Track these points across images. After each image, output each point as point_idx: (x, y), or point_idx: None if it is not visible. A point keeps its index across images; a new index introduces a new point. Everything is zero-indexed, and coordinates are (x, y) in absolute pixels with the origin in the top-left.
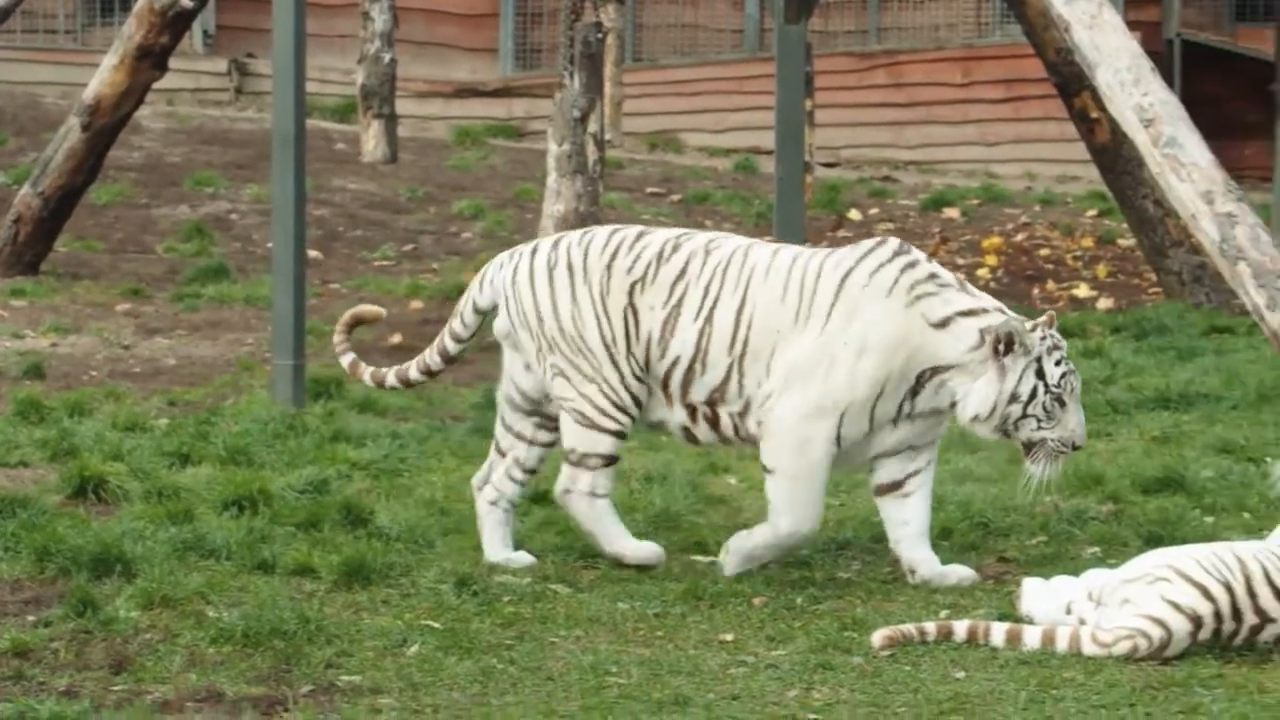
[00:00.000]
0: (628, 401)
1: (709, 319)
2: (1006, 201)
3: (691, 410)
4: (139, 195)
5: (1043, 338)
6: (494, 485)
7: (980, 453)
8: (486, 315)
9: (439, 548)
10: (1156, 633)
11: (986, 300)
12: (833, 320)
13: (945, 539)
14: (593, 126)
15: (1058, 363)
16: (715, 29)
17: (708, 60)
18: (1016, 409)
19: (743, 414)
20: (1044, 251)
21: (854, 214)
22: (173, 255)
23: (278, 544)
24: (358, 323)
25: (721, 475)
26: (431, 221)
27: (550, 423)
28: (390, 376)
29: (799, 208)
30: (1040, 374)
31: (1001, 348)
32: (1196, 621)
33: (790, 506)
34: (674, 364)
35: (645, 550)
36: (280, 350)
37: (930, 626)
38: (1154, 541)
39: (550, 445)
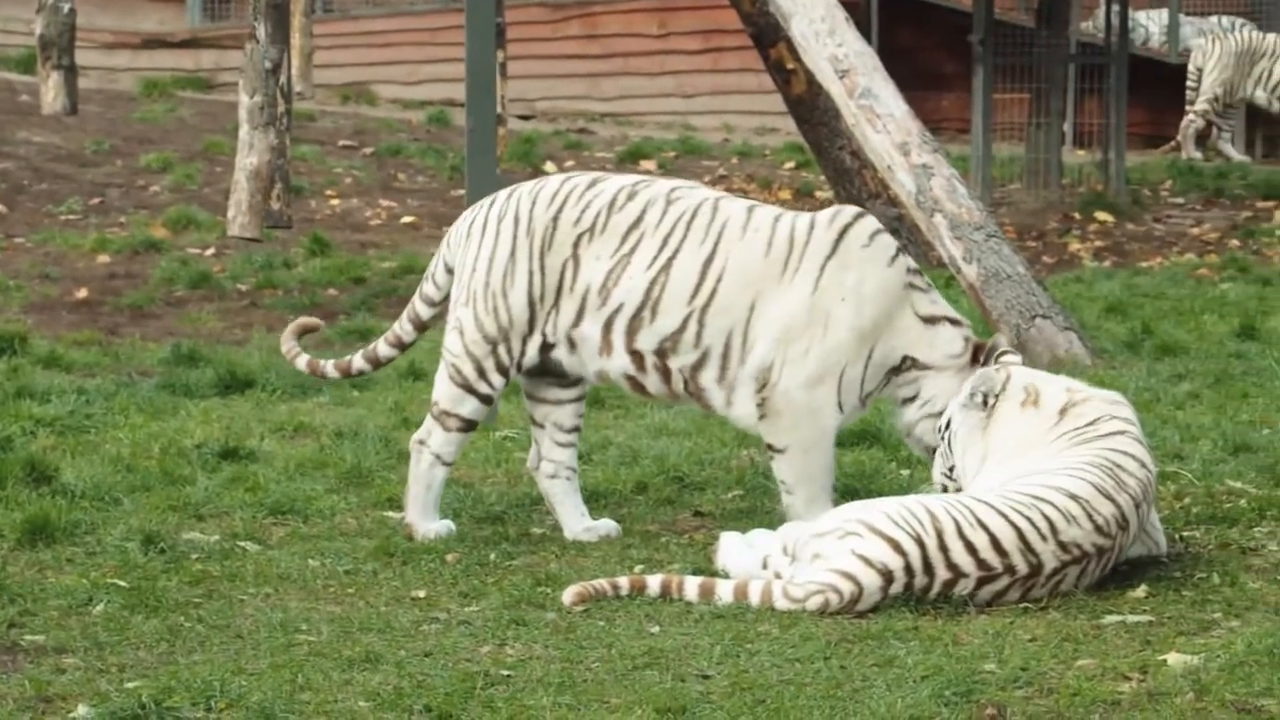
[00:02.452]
0: (513, 364)
1: (665, 268)
2: (704, 154)
3: (638, 358)
4: None
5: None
6: (548, 459)
7: (675, 407)
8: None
9: (126, 505)
10: (847, 587)
11: (961, 317)
12: (826, 274)
13: (641, 493)
14: (281, 78)
15: None
16: None
17: (400, 11)
18: None
19: (696, 367)
20: None
21: (550, 167)
22: None
23: None
24: (304, 332)
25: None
26: (118, 175)
27: (566, 377)
28: (356, 360)
29: (491, 161)
30: None
31: (983, 359)
32: (887, 576)
33: (807, 481)
34: (617, 310)
35: (436, 529)
36: None
37: (624, 581)
38: (850, 494)
39: (582, 398)
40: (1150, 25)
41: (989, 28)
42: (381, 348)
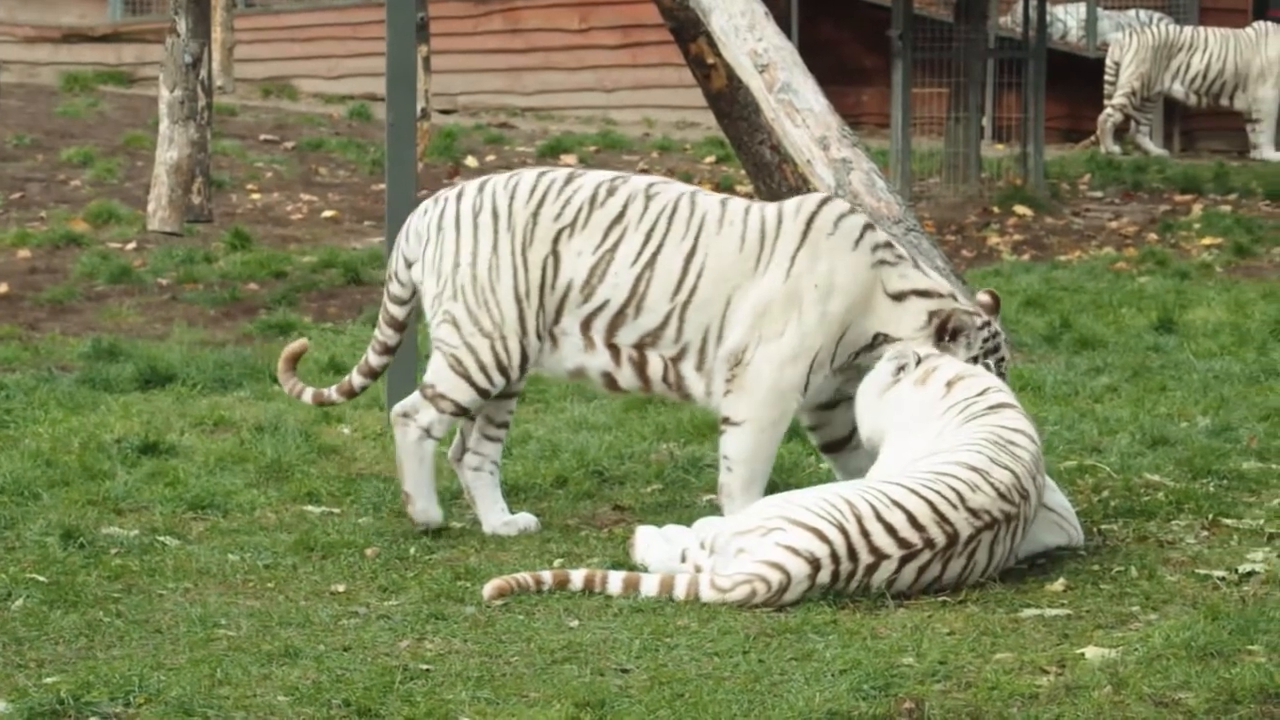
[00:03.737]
0: (515, 363)
1: (650, 264)
2: (625, 148)
3: (615, 353)
4: None
5: (986, 338)
6: (473, 451)
7: (595, 401)
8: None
9: (45, 500)
10: (775, 576)
11: (939, 282)
12: (797, 264)
13: (560, 487)
14: (203, 72)
15: (999, 363)
16: None
17: (321, 6)
18: None
19: (677, 359)
20: None
21: (471, 161)
22: None
23: None
24: (296, 359)
25: (335, 425)
26: (39, 169)
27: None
28: (355, 378)
29: (411, 155)
30: None
31: (947, 336)
32: (814, 564)
33: (752, 459)
34: (600, 308)
35: (429, 515)
36: None
37: (547, 576)
38: (769, 488)
39: (516, 394)
40: (1068, 19)
41: (908, 23)
42: (372, 358)
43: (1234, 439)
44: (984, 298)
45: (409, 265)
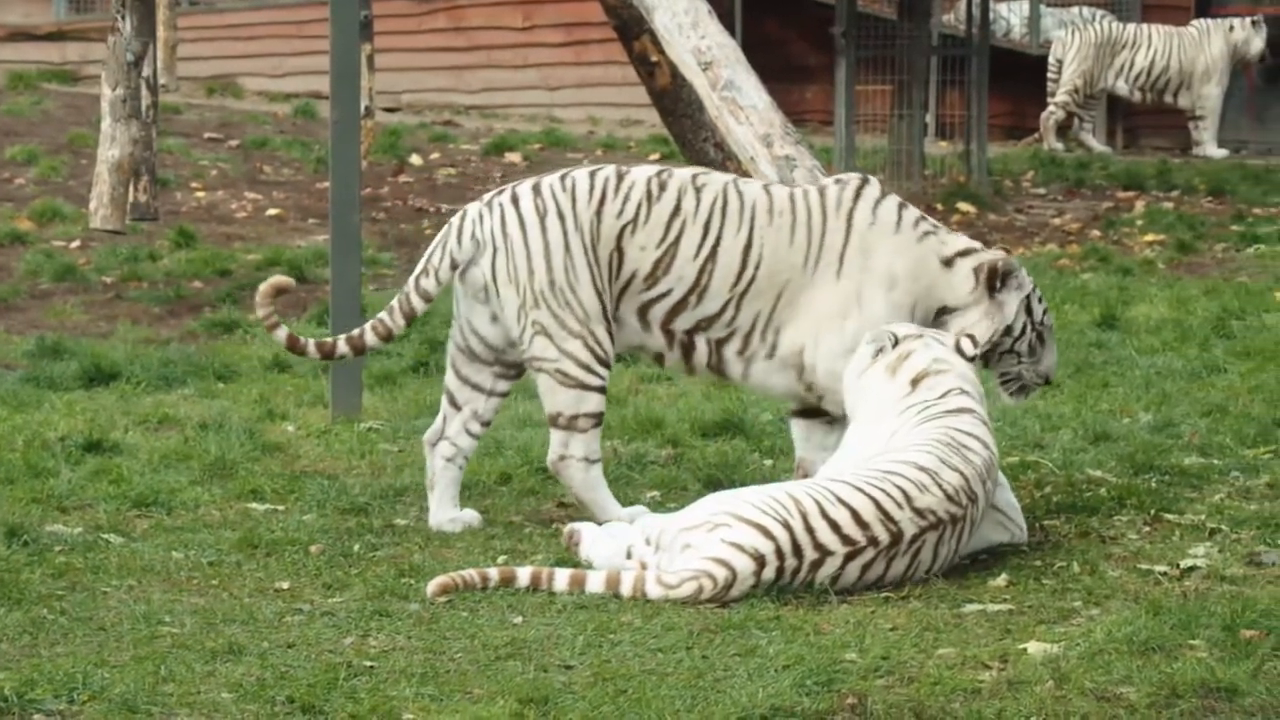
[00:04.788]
0: (609, 353)
1: (711, 255)
2: (569, 146)
3: (669, 337)
4: None
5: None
6: (451, 441)
7: (538, 399)
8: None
9: None
10: (721, 573)
11: (965, 238)
12: (847, 264)
13: (505, 484)
14: (146, 70)
15: (1039, 300)
16: None
17: (265, 4)
18: (1007, 342)
19: (723, 342)
20: None
21: (415, 159)
22: None
23: None
24: (280, 291)
25: (279, 423)
26: None
27: (511, 371)
28: (340, 344)
29: (354, 153)
30: (1029, 310)
31: (998, 283)
32: (759, 560)
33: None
34: (662, 296)
35: (628, 511)
36: None
37: (493, 573)
38: (713, 485)
39: (507, 395)
40: (1011, 17)
41: (852, 20)
42: (368, 335)
43: (1176, 435)
44: None
45: (454, 267)
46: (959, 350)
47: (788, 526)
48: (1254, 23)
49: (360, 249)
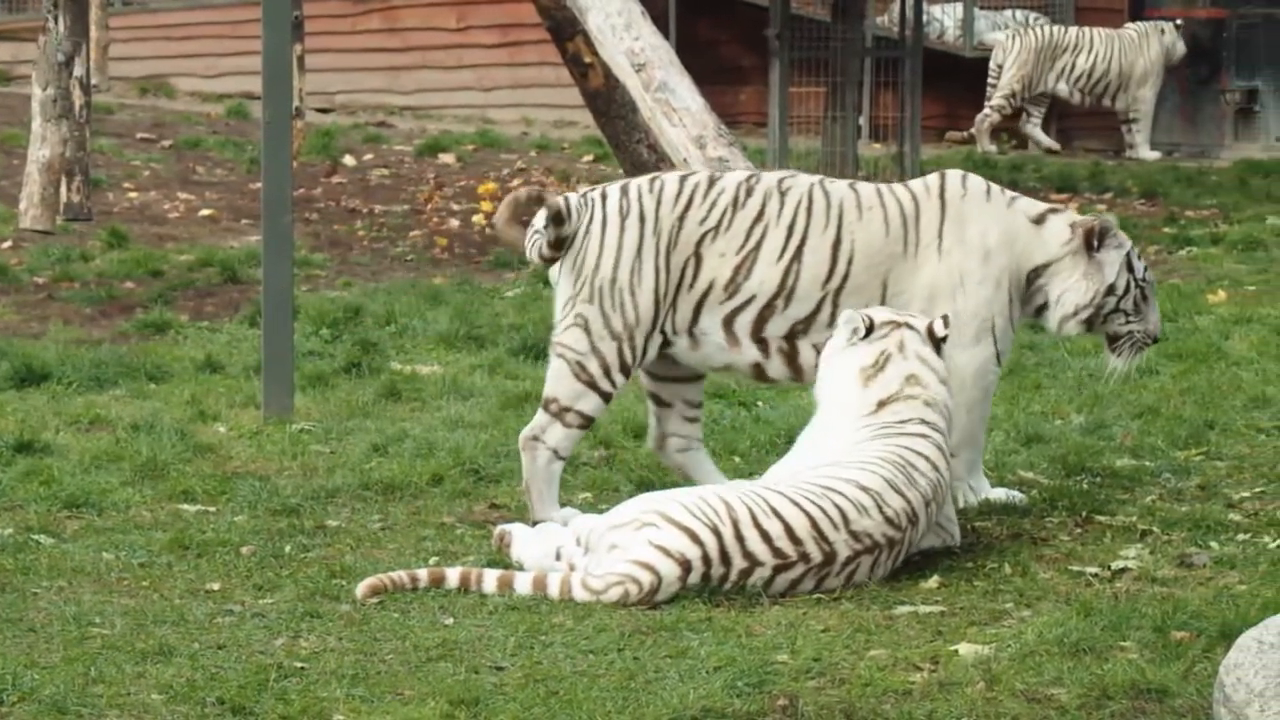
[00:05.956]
0: (636, 363)
1: (796, 256)
2: (503, 147)
3: (764, 346)
4: None
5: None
6: (676, 435)
7: (472, 400)
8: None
9: None
10: (646, 578)
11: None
12: (946, 239)
13: (436, 485)
14: (78, 70)
15: (1139, 256)
16: None
17: (199, 4)
18: (1111, 302)
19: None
20: None
21: (349, 160)
22: None
23: None
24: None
25: (211, 424)
26: None
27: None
28: None
29: (286, 153)
30: (1130, 268)
31: (1096, 241)
32: (685, 566)
33: (971, 444)
34: (746, 303)
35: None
36: None
37: (422, 574)
38: (645, 486)
39: (704, 375)
40: (945, 19)
41: (785, 22)
42: None
43: (1108, 436)
44: None
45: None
46: (930, 334)
47: (717, 532)
48: (1176, 26)
49: (292, 250)
